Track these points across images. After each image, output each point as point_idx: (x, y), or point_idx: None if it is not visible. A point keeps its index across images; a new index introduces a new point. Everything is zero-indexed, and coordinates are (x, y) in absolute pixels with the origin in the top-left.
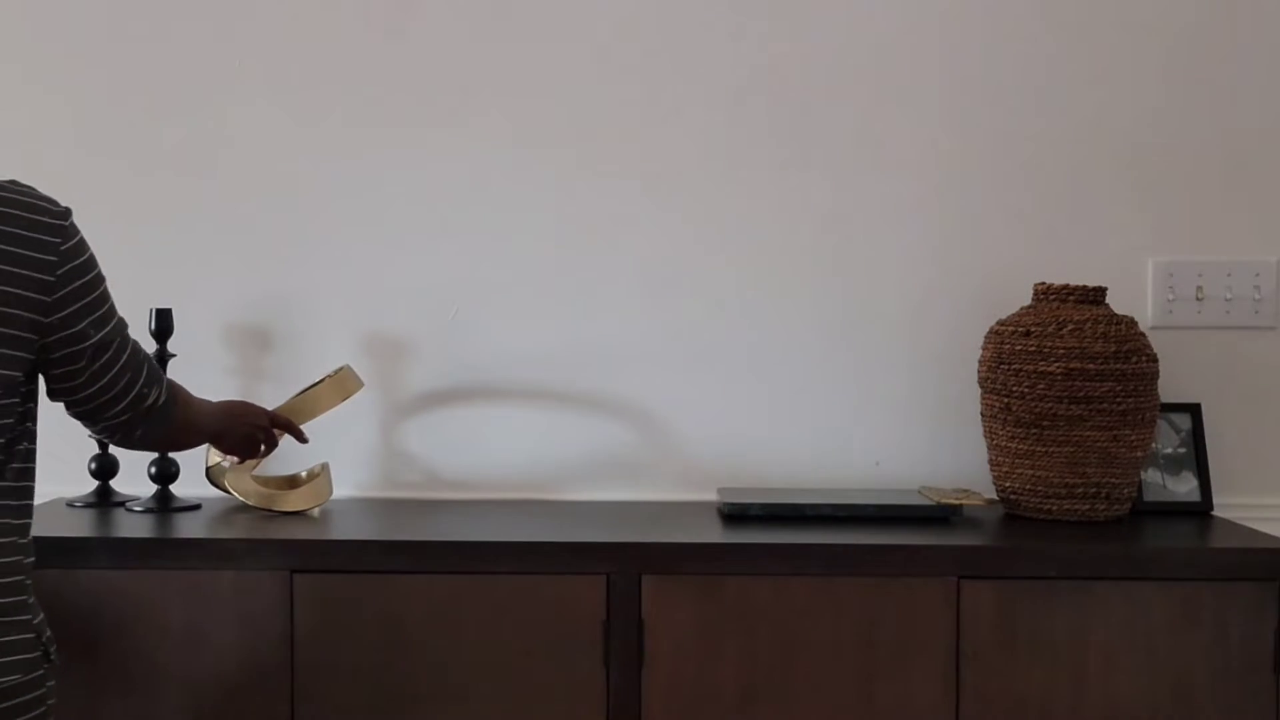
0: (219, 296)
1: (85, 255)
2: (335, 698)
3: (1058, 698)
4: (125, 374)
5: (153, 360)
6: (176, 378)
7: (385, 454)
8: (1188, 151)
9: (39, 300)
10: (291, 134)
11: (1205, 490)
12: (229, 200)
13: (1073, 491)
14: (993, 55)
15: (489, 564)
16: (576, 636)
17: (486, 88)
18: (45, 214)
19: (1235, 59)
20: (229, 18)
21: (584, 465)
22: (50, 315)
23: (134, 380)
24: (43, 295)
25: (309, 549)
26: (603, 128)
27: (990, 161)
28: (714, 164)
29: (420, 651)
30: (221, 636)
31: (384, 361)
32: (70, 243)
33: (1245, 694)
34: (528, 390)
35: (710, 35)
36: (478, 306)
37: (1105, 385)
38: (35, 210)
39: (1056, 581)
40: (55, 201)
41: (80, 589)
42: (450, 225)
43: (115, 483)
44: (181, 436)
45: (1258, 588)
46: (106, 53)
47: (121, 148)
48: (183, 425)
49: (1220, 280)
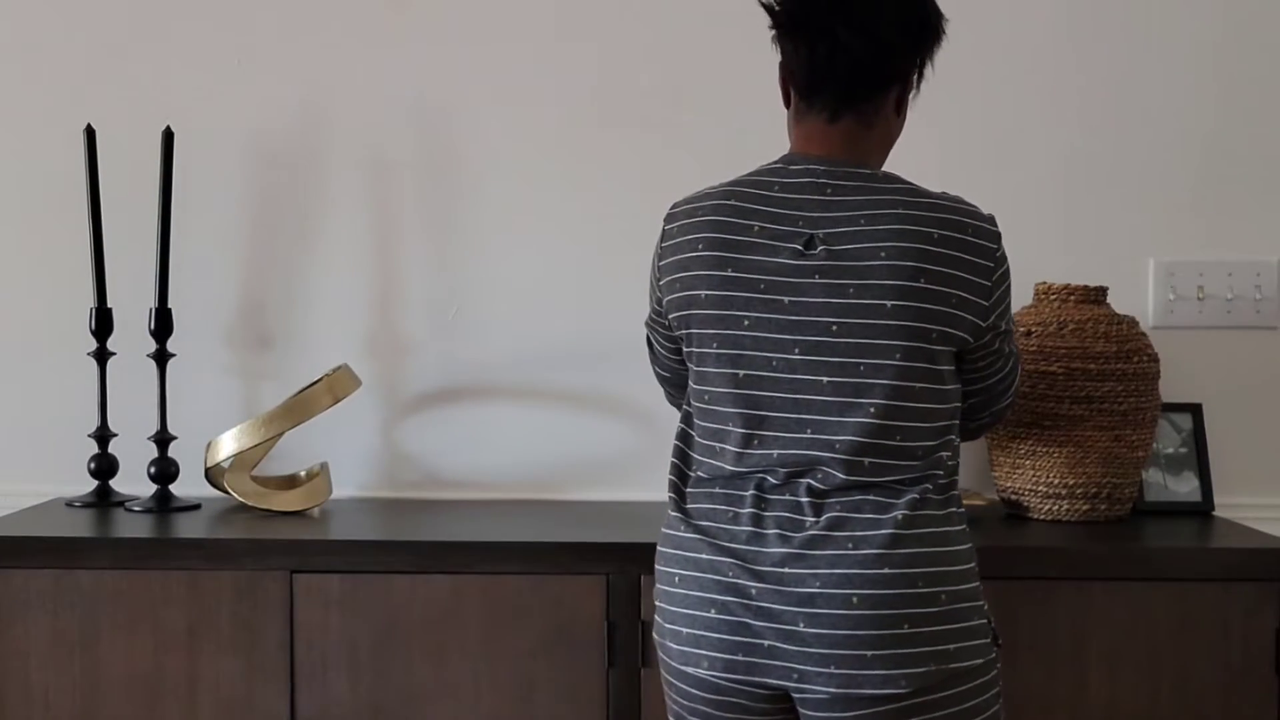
0: (219, 296)
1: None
2: (335, 698)
3: (1058, 698)
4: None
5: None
6: (176, 377)
7: (385, 454)
8: (1188, 151)
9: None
10: (292, 133)
11: (1206, 490)
12: (230, 199)
13: (1073, 492)
14: (991, 55)
15: (489, 564)
16: (576, 636)
17: (487, 87)
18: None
19: (1235, 59)
20: (229, 16)
21: (584, 465)
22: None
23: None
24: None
25: (309, 549)
26: (603, 128)
27: (990, 161)
28: (713, 164)
29: (420, 651)
30: (221, 636)
31: (384, 361)
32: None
33: (1245, 694)
34: (528, 390)
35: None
36: (478, 306)
37: (1106, 385)
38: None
39: (1056, 581)
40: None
41: (80, 589)
42: (450, 225)
43: (115, 482)
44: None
45: (1258, 588)
46: (108, 52)
47: (123, 147)
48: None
49: (1221, 280)
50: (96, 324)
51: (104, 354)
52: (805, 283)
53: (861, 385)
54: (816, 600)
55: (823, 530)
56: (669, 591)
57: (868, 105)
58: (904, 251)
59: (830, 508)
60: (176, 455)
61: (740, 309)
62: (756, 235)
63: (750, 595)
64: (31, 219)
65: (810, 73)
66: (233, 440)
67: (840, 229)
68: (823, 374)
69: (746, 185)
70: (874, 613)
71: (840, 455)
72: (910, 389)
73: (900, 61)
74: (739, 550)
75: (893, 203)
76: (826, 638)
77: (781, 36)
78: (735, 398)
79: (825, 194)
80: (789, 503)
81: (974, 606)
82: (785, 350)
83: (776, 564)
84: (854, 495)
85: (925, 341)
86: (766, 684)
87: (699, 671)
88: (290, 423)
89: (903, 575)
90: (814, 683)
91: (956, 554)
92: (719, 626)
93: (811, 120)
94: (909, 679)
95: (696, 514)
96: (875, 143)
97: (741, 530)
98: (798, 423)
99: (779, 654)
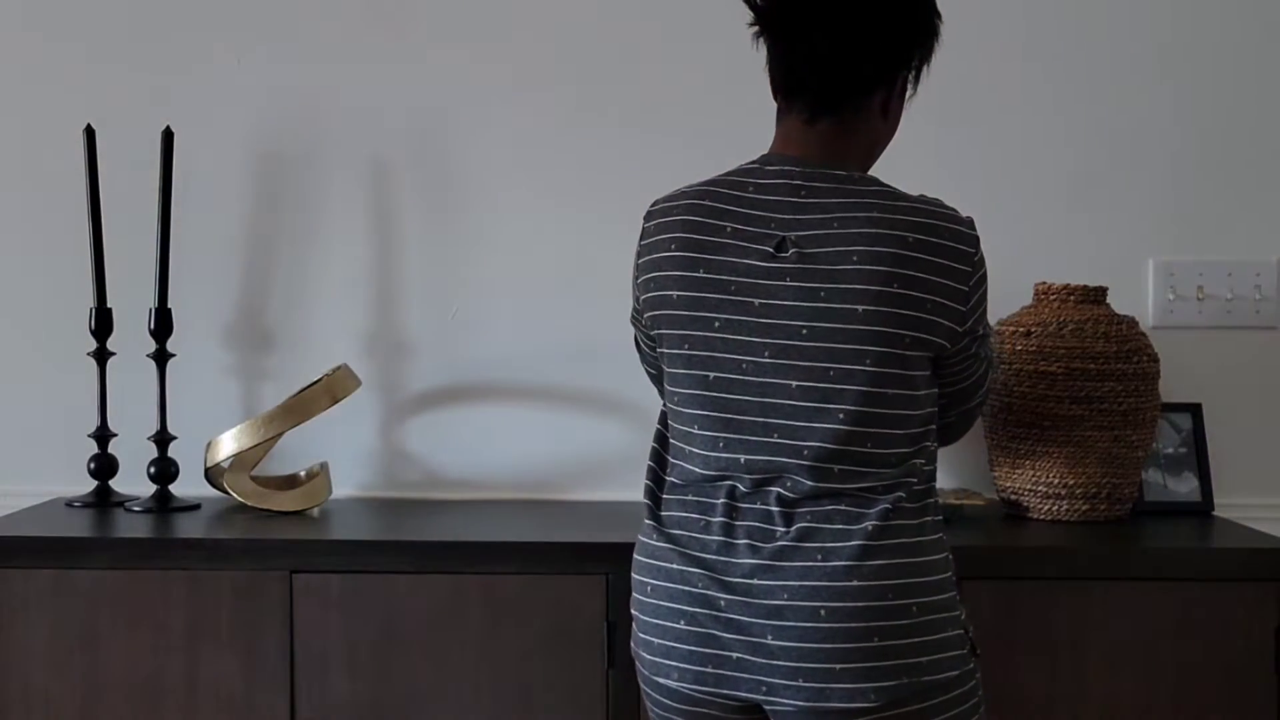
0: (219, 296)
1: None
2: (335, 698)
3: (1058, 698)
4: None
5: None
6: (176, 377)
7: (385, 454)
8: (1188, 151)
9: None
10: (291, 133)
11: (1206, 490)
12: (230, 199)
13: (1073, 492)
14: (991, 55)
15: (489, 564)
16: (576, 636)
17: (487, 87)
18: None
19: (1236, 59)
20: (229, 16)
21: (584, 465)
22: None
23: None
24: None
25: (309, 549)
26: (603, 128)
27: (990, 161)
28: (714, 165)
29: (420, 651)
30: (221, 636)
31: (384, 361)
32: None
33: (1245, 694)
34: (528, 390)
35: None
36: (478, 306)
37: (1106, 385)
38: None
39: (1056, 581)
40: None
41: (80, 589)
42: (450, 225)
43: (114, 482)
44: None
45: (1258, 588)
46: (109, 52)
47: (123, 147)
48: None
49: (1221, 280)
50: (96, 324)
51: (104, 354)
52: (776, 285)
53: (831, 391)
54: (785, 613)
55: (792, 541)
56: (642, 601)
57: (847, 108)
58: (877, 255)
59: (801, 517)
60: (176, 455)
61: (710, 310)
62: (728, 236)
63: (719, 607)
64: (31, 219)
65: (787, 74)
66: (232, 440)
67: (812, 231)
68: (792, 378)
69: (721, 185)
70: (842, 625)
71: (808, 462)
72: (882, 395)
73: (883, 65)
74: (709, 560)
75: (867, 205)
76: (794, 650)
77: (765, 35)
78: (704, 399)
79: (799, 196)
80: (760, 512)
81: (949, 617)
82: (755, 353)
83: (746, 575)
84: (825, 504)
85: (898, 347)
86: (736, 696)
87: (670, 682)
88: (290, 423)
89: (872, 587)
90: (782, 695)
91: (930, 564)
92: (688, 638)
93: (790, 121)
94: (878, 692)
95: (669, 522)
96: (856, 146)
97: (712, 540)
98: (765, 427)
99: (747, 666)
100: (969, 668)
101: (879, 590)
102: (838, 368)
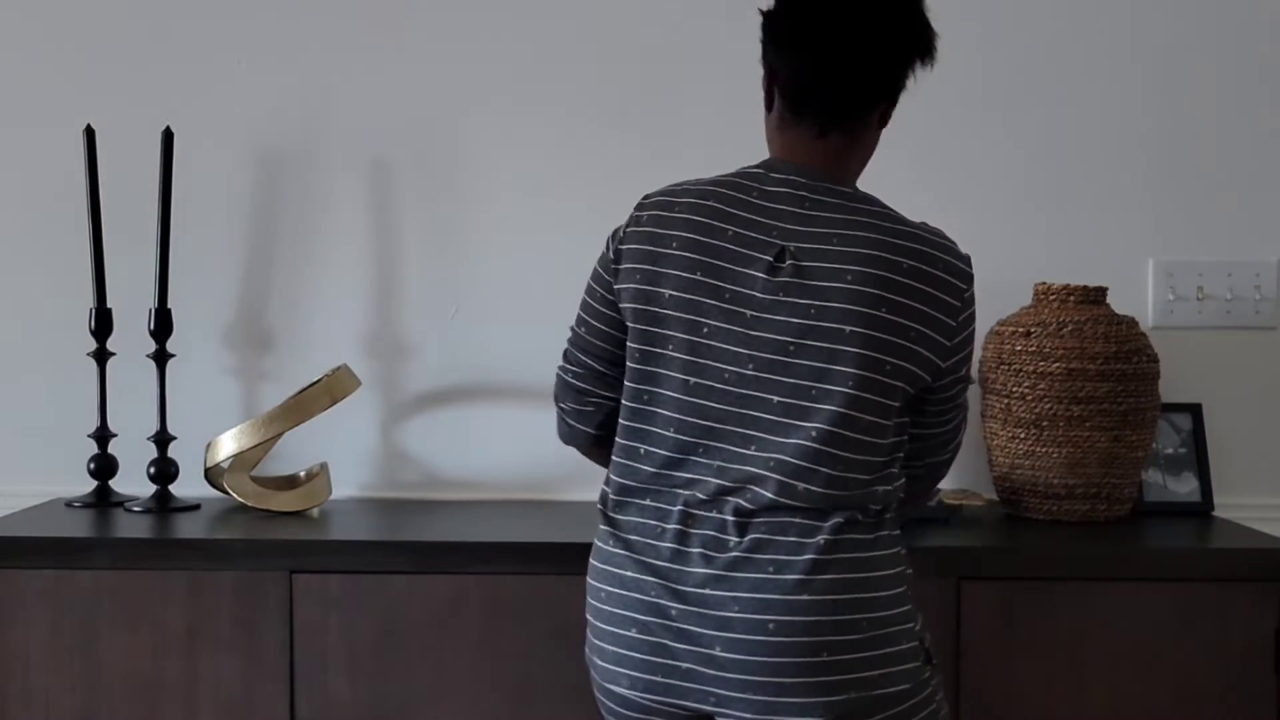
0: (219, 296)
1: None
2: (334, 698)
3: (1058, 698)
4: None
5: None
6: (176, 378)
7: (385, 454)
8: (1188, 151)
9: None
10: (291, 133)
11: (1206, 490)
12: (229, 199)
13: (1073, 492)
14: (991, 55)
15: (488, 564)
16: (576, 636)
17: (487, 87)
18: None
19: (1236, 59)
20: (229, 16)
21: (584, 465)
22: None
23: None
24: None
25: (309, 549)
26: (603, 128)
27: (990, 161)
28: (714, 165)
29: (420, 651)
30: (221, 636)
31: (384, 361)
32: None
33: (1245, 694)
34: (528, 390)
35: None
36: (478, 306)
37: (1106, 386)
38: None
39: (1056, 581)
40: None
41: (80, 589)
42: (450, 225)
43: (114, 483)
44: None
45: (1258, 588)
46: (109, 52)
47: (123, 147)
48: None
49: (1221, 280)
50: (96, 324)
51: (104, 354)
52: (768, 299)
53: (809, 409)
54: (734, 625)
55: (744, 552)
56: (596, 608)
57: (857, 121)
58: (869, 278)
59: (755, 528)
60: (176, 455)
61: (701, 315)
62: (729, 240)
63: (670, 616)
64: (31, 219)
65: (803, 87)
66: (232, 440)
67: (812, 245)
68: (774, 393)
69: (726, 187)
70: (791, 640)
71: (774, 475)
72: (856, 420)
73: (892, 77)
74: (662, 568)
75: (868, 225)
76: (743, 664)
77: (776, 46)
78: (681, 404)
79: (803, 207)
80: (715, 521)
81: (902, 630)
82: (740, 364)
83: (698, 585)
84: (780, 517)
85: (879, 373)
86: (685, 706)
87: (621, 690)
88: (290, 423)
89: (823, 602)
90: (732, 707)
91: (881, 579)
92: (639, 646)
93: (798, 132)
94: (826, 707)
95: (626, 526)
96: (859, 158)
97: (666, 546)
98: (742, 438)
99: (696, 677)
100: (924, 677)
101: (829, 605)
102: (819, 387)
